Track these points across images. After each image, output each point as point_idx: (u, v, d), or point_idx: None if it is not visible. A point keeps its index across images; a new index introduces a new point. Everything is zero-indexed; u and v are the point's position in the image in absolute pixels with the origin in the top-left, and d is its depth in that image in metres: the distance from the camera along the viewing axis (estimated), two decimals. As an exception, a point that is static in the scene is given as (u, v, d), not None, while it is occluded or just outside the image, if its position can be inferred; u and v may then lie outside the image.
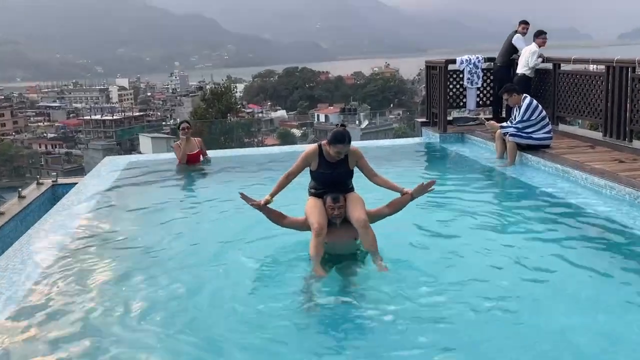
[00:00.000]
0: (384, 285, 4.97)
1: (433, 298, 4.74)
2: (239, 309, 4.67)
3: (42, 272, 5.48)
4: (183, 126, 10.73)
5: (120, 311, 4.64)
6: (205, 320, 4.55)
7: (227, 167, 10.62)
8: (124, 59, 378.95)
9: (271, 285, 5.21)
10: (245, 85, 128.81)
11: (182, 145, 10.58)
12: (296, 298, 4.82)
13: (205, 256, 5.86)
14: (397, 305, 4.60)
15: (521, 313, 4.46)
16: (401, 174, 9.39)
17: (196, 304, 4.80)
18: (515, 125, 9.51)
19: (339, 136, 5.43)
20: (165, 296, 4.93)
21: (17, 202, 8.91)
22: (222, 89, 41.92)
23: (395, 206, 5.74)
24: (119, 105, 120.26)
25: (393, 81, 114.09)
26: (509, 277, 5.14)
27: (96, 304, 4.78)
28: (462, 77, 12.76)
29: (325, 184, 5.66)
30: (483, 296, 4.74)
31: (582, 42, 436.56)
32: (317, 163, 5.65)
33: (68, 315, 4.61)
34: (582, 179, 8.03)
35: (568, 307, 4.54)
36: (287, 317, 4.53)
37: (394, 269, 5.26)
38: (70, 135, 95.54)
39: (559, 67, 11.48)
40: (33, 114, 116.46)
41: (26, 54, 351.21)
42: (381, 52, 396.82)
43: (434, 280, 5.09)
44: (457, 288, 4.91)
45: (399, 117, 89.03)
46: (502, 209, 7.40)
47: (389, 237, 5.81)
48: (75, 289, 5.10)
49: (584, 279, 5.08)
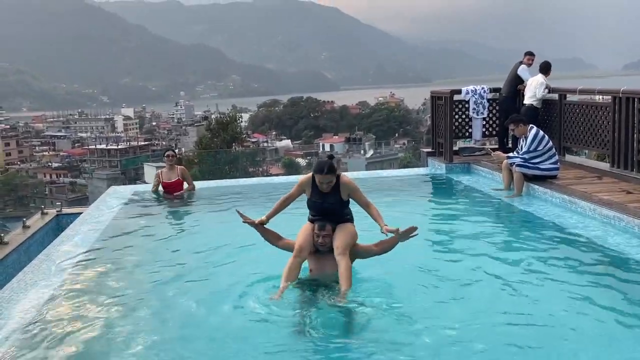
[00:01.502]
0: (389, 323, 4.90)
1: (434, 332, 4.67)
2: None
3: (46, 303, 5.41)
4: (167, 153, 10.78)
5: (123, 342, 4.58)
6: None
7: (224, 196, 10.65)
8: (129, 89, 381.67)
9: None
10: (251, 114, 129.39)
11: (161, 174, 10.62)
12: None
13: (209, 284, 5.90)
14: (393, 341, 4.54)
15: (526, 345, 4.38)
16: (408, 204, 9.39)
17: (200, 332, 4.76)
18: (522, 156, 9.47)
19: (318, 167, 5.63)
20: (170, 327, 4.88)
21: (22, 231, 8.86)
22: (228, 119, 42.05)
23: (384, 246, 5.74)
24: (124, 134, 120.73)
25: (398, 111, 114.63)
26: (514, 310, 5.06)
27: (100, 335, 4.72)
28: (467, 107, 12.76)
29: (317, 212, 5.78)
30: (488, 329, 4.69)
31: (587, 72, 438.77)
32: (309, 191, 5.77)
33: (71, 345, 4.55)
34: (590, 210, 7.95)
35: (578, 345, 4.45)
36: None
37: (394, 299, 5.29)
38: (75, 164, 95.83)
39: (565, 97, 11.47)
40: (38, 144, 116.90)
41: (32, 83, 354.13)
42: (386, 82, 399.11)
43: (435, 312, 5.04)
44: (461, 322, 4.84)
45: (404, 147, 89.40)
46: (509, 240, 7.34)
47: (392, 267, 5.86)
48: (79, 318, 5.03)
49: (594, 313, 4.96)
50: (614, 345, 4.44)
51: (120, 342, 4.60)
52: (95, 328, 4.87)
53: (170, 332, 4.84)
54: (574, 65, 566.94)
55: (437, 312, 5.07)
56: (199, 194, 10.82)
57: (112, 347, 4.53)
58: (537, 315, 4.93)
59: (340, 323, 4.90)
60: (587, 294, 5.32)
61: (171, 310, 5.26)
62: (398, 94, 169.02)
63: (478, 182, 10.78)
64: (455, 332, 4.65)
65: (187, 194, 10.70)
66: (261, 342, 4.56)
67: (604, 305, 5.09)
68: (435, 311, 5.10)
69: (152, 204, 10.24)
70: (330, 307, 5.10)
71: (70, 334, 4.77)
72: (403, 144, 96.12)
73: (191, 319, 5.09)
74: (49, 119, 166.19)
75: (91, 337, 4.70)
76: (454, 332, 4.65)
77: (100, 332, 4.80)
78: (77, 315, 5.14)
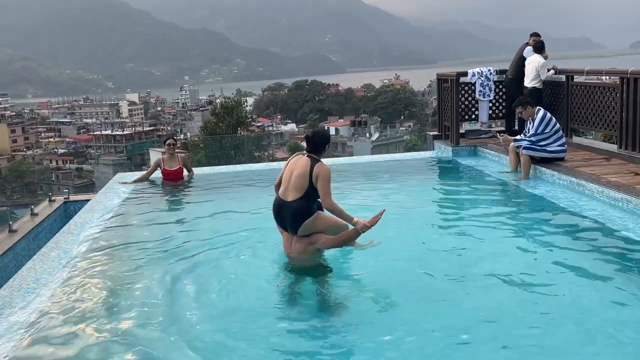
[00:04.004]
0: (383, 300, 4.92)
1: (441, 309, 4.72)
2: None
3: (56, 291, 5.44)
4: (168, 142, 10.76)
5: (133, 330, 4.60)
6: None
7: (231, 181, 10.75)
8: (133, 74, 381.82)
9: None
10: (255, 98, 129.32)
11: (163, 161, 10.62)
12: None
13: (215, 265, 6.01)
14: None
15: (532, 329, 4.39)
16: (415, 187, 9.38)
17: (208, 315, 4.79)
18: (529, 139, 9.42)
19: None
20: (181, 310, 4.91)
21: (30, 219, 8.88)
22: (232, 103, 41.97)
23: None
24: (129, 120, 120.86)
25: (403, 93, 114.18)
26: (520, 293, 5.09)
27: (110, 324, 4.73)
28: (473, 89, 12.69)
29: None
30: (494, 308, 4.74)
31: (595, 52, 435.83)
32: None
33: (83, 333, 4.57)
34: (598, 192, 7.92)
35: (580, 325, 4.46)
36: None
37: (399, 283, 5.37)
38: (80, 150, 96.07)
39: (572, 78, 11.39)
40: (44, 130, 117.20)
41: (37, 70, 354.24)
42: (391, 64, 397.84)
43: (443, 294, 5.09)
44: (467, 303, 4.88)
45: (409, 129, 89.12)
46: (516, 222, 7.31)
47: (397, 253, 5.93)
48: (89, 307, 5.06)
49: (602, 294, 4.98)
50: (622, 322, 4.46)
51: (131, 331, 4.61)
52: (105, 315, 4.89)
53: (181, 316, 4.86)
54: (582, 44, 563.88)
55: (443, 296, 5.10)
56: (207, 180, 10.83)
57: (122, 336, 4.54)
58: (545, 298, 4.94)
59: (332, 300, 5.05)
60: (594, 276, 5.34)
61: (181, 295, 5.29)
62: (403, 76, 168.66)
63: (485, 165, 10.74)
64: (458, 318, 4.67)
65: (187, 180, 10.75)
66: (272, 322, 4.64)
67: (612, 285, 5.12)
68: (441, 295, 5.12)
69: (158, 190, 10.24)
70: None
71: (82, 321, 4.79)
72: (409, 126, 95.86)
73: (201, 303, 5.14)
74: (54, 105, 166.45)
75: (101, 325, 4.71)
76: (458, 315, 4.69)
77: (110, 320, 4.81)
78: (87, 303, 5.16)
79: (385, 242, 5.98)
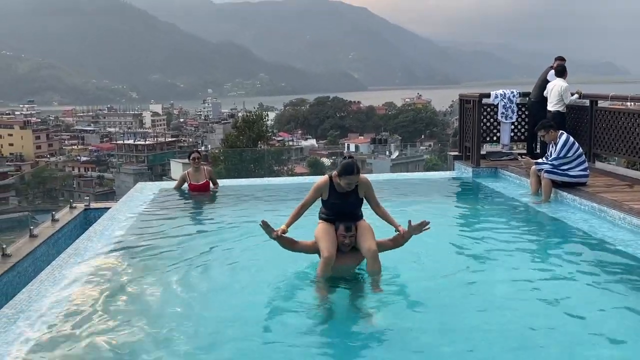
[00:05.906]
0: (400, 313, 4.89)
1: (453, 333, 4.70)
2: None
3: (73, 297, 5.47)
4: (193, 156, 10.81)
5: (150, 339, 4.61)
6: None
7: (248, 195, 10.77)
8: (158, 85, 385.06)
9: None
10: (277, 113, 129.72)
11: (189, 175, 10.67)
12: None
13: (230, 280, 6.02)
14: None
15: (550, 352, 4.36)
16: (434, 208, 9.33)
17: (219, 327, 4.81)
18: (551, 162, 9.36)
19: (348, 168, 5.63)
20: (193, 323, 4.91)
21: (51, 225, 8.97)
22: (254, 117, 42.21)
23: (397, 241, 5.89)
24: (151, 130, 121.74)
25: (425, 112, 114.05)
26: (540, 316, 5.05)
27: (127, 331, 4.75)
28: (496, 111, 12.66)
29: (336, 213, 5.82)
30: (511, 332, 4.73)
31: (619, 77, 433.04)
32: (327, 194, 5.82)
33: (99, 339, 4.60)
34: (620, 219, 7.83)
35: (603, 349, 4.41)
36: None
37: (418, 301, 5.38)
38: (102, 158, 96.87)
39: (597, 103, 11.33)
40: (68, 137, 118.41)
41: (63, 78, 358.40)
42: (413, 83, 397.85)
43: (459, 319, 5.04)
44: (485, 326, 4.85)
45: (430, 149, 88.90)
46: (536, 247, 7.25)
47: (420, 271, 5.96)
48: (105, 314, 5.08)
49: (622, 321, 4.92)
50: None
51: (148, 339, 4.62)
52: (122, 323, 4.91)
53: (200, 327, 4.87)
54: (606, 69, 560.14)
55: (463, 314, 5.07)
56: (227, 192, 10.87)
57: (140, 343, 4.56)
58: (564, 321, 4.92)
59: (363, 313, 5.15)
60: (616, 303, 5.29)
61: (200, 305, 5.32)
62: (425, 95, 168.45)
63: (505, 187, 10.67)
64: (479, 333, 4.66)
65: (212, 192, 10.77)
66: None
67: (634, 311, 5.07)
68: (461, 313, 5.10)
69: (179, 201, 10.30)
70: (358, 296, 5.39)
71: (99, 328, 4.82)
72: (429, 145, 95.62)
73: (221, 312, 5.21)
74: (79, 113, 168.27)
75: (118, 332, 4.74)
76: (478, 333, 4.67)
77: (127, 326, 4.84)
78: (104, 311, 5.18)
79: (402, 262, 6.00)
